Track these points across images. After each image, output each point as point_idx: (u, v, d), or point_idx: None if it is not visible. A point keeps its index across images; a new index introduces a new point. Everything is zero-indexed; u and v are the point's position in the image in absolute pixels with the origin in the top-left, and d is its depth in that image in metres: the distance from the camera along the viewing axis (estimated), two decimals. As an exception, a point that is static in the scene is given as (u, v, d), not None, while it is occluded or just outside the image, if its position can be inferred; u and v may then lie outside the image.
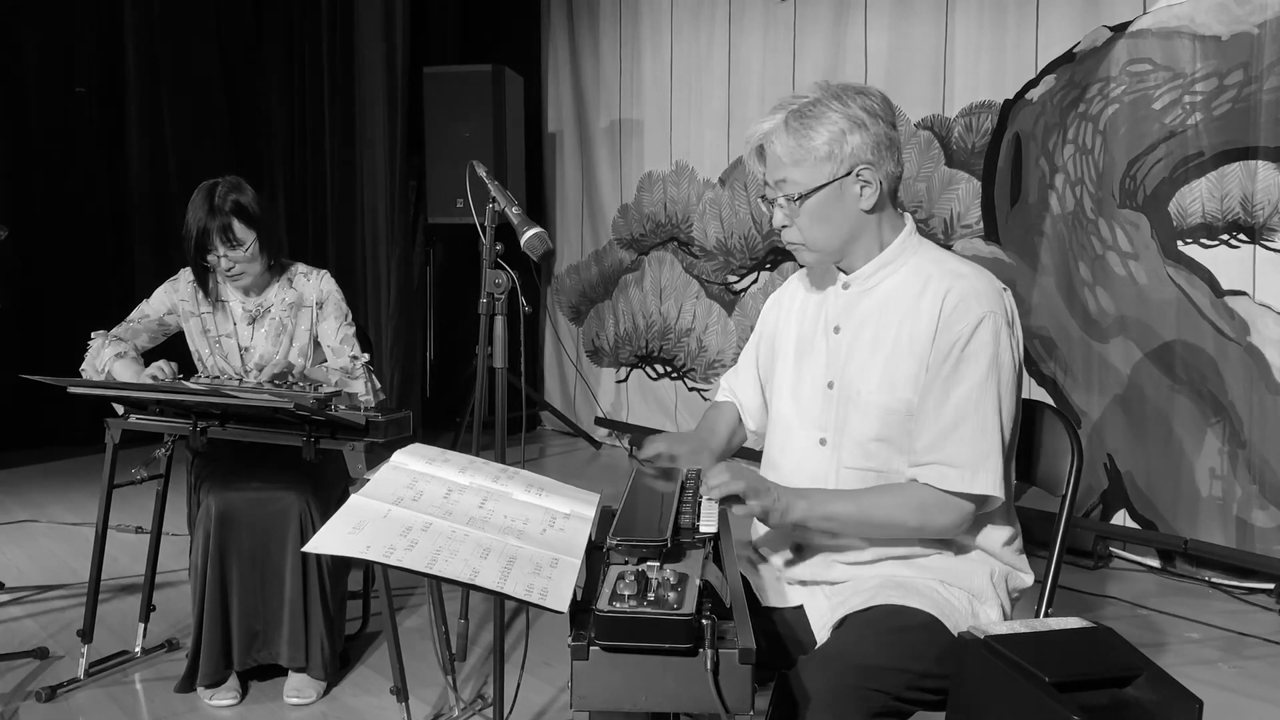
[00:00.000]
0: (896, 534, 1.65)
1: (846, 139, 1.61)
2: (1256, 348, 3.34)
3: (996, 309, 1.61)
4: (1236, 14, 3.34)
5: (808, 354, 1.77)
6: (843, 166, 1.62)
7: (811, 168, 1.62)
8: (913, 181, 4.28)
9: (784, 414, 1.79)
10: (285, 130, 5.87)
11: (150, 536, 2.86)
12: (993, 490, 1.59)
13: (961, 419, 1.58)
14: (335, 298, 2.80)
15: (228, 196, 2.60)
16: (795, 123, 1.62)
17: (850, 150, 1.61)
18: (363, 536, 1.32)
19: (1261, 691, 2.74)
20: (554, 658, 2.77)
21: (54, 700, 2.59)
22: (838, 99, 1.62)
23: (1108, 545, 3.73)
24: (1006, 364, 1.61)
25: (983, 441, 1.58)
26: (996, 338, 1.60)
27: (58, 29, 5.33)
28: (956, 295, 1.61)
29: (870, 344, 1.68)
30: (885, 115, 1.64)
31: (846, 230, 1.67)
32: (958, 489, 1.58)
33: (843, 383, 1.70)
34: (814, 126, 1.61)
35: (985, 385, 1.59)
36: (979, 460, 1.58)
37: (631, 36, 5.54)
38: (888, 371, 1.65)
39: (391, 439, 2.39)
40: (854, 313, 1.71)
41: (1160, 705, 1.28)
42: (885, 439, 1.65)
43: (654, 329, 5.57)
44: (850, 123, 1.60)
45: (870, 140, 1.61)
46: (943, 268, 1.67)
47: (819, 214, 1.65)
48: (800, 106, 1.63)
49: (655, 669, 1.16)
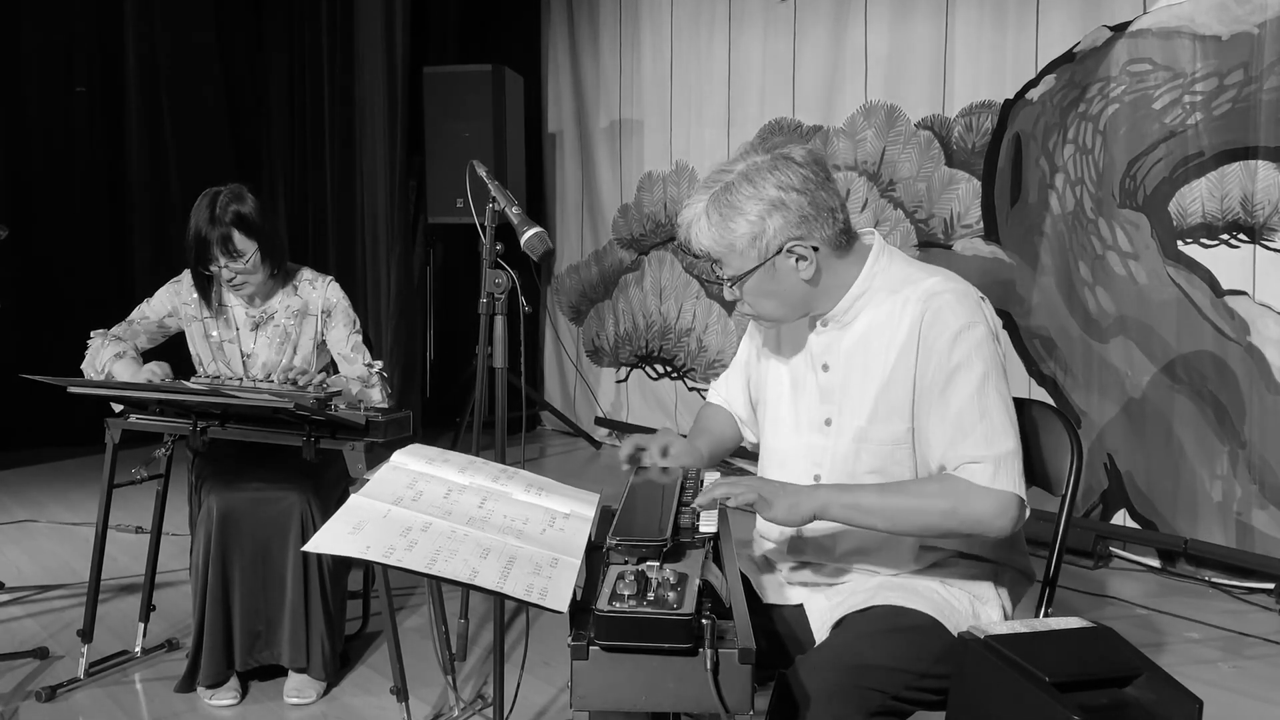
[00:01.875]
0: (925, 520, 1.55)
1: (766, 223, 1.56)
2: (1256, 348, 3.34)
3: (976, 319, 1.58)
4: (1236, 14, 3.34)
5: (801, 391, 1.73)
6: (770, 248, 1.58)
7: (740, 255, 1.59)
8: (913, 181, 4.28)
9: (779, 449, 1.76)
10: (285, 130, 5.87)
11: (150, 536, 2.86)
12: (1016, 488, 1.53)
13: (970, 425, 1.55)
14: (343, 305, 2.78)
15: (228, 207, 2.57)
16: (714, 213, 1.59)
17: (773, 232, 1.57)
18: (363, 536, 1.32)
19: (1261, 691, 2.74)
20: (554, 658, 2.77)
21: (54, 700, 2.59)
22: (750, 181, 1.57)
23: (1108, 545, 3.73)
24: (1000, 372, 1.59)
25: (998, 441, 1.54)
26: (980, 347, 1.57)
27: (58, 29, 5.33)
28: (934, 313, 1.58)
29: (860, 380, 1.65)
30: (808, 184, 1.57)
31: (793, 300, 1.64)
32: (984, 483, 1.53)
33: (840, 420, 1.67)
34: (732, 217, 1.57)
35: (983, 390, 1.56)
36: (999, 457, 1.54)
37: (631, 36, 5.54)
38: (880, 404, 1.62)
39: (391, 439, 2.38)
40: (839, 349, 1.68)
41: (1160, 705, 1.28)
42: (878, 471, 1.64)
43: (654, 329, 5.57)
44: (767, 205, 1.56)
45: (793, 217, 1.57)
46: (918, 288, 1.62)
47: (760, 291, 1.63)
48: (719, 190, 1.59)
49: (655, 669, 1.16)
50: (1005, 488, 1.53)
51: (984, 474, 1.53)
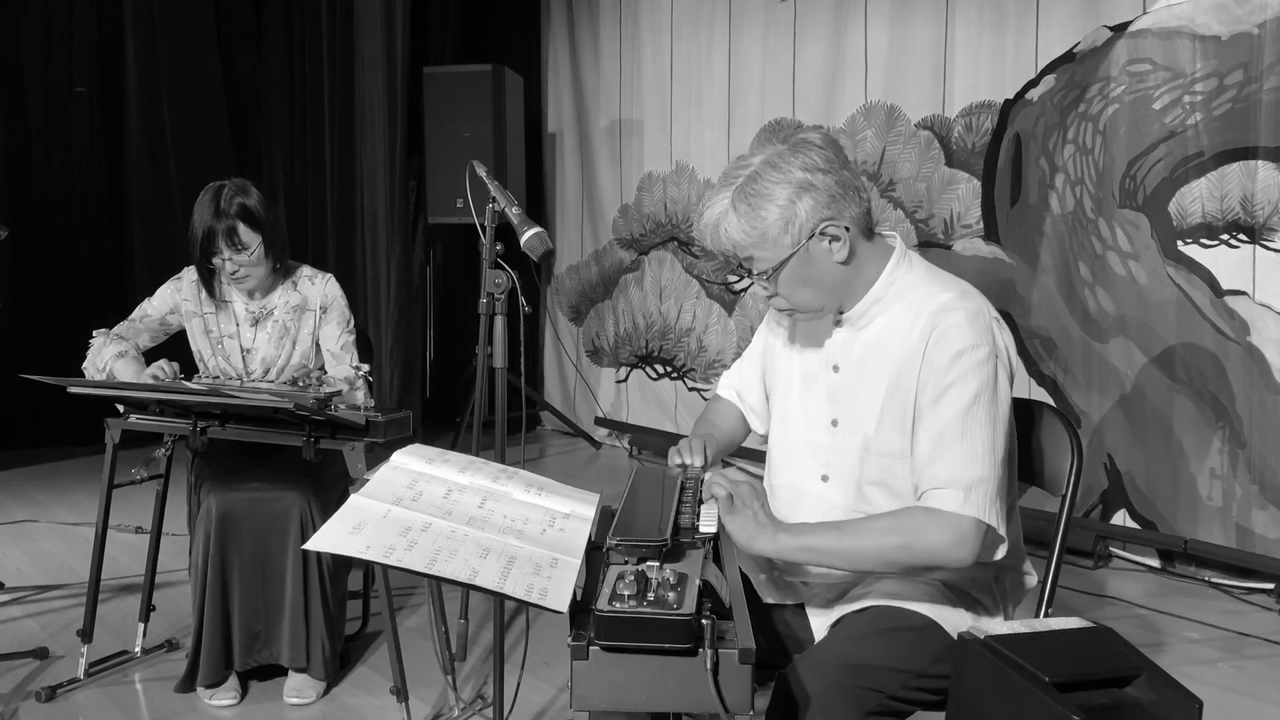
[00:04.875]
0: (882, 556, 1.53)
1: (797, 206, 1.55)
2: (1256, 348, 3.34)
3: (982, 342, 1.55)
4: (1236, 14, 3.34)
5: (811, 388, 1.73)
6: (803, 232, 1.56)
7: (772, 244, 1.57)
8: (913, 181, 4.28)
9: (788, 443, 1.76)
10: (285, 130, 5.86)
11: (150, 536, 2.86)
12: (984, 515, 1.50)
13: (949, 444, 1.53)
14: (340, 303, 2.79)
15: (233, 199, 2.59)
16: (742, 205, 1.56)
17: (804, 215, 1.55)
18: (362, 536, 1.32)
19: (1261, 691, 2.74)
20: (554, 658, 2.77)
21: (54, 700, 2.59)
22: (775, 168, 1.55)
23: (1108, 545, 3.73)
24: (994, 396, 1.55)
25: (972, 466, 1.51)
26: (979, 368, 1.54)
27: (58, 29, 5.33)
28: (940, 332, 1.56)
29: (869, 387, 1.64)
30: (831, 164, 1.56)
31: (830, 285, 1.62)
32: (950, 508, 1.51)
33: (847, 423, 1.67)
34: (761, 205, 1.55)
35: (971, 411, 1.53)
36: (971, 482, 1.51)
37: (631, 37, 5.54)
38: (884, 415, 1.62)
39: (391, 439, 2.39)
40: (851, 351, 1.67)
41: (1160, 705, 1.27)
42: (879, 483, 1.63)
43: (654, 329, 5.57)
44: (795, 189, 1.54)
45: (822, 197, 1.55)
46: (932, 304, 1.59)
47: (796, 280, 1.60)
48: (743, 182, 1.56)
49: (655, 669, 1.16)
50: (972, 514, 1.50)
51: (953, 500, 1.51)
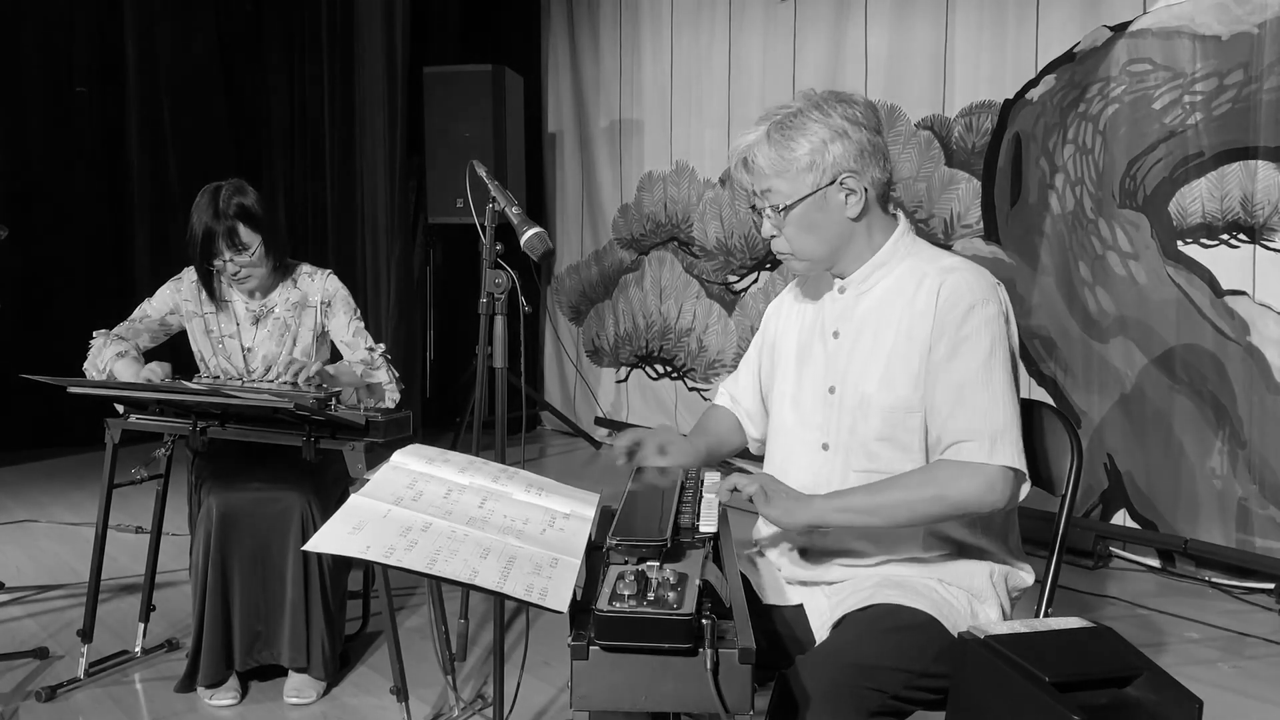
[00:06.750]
0: (915, 509, 1.58)
1: (828, 149, 1.61)
2: (1256, 348, 3.34)
3: (991, 298, 1.62)
4: (1236, 14, 3.34)
5: (807, 360, 1.77)
6: (825, 176, 1.63)
7: (794, 178, 1.63)
8: (913, 181, 4.28)
9: (785, 421, 1.79)
10: (285, 130, 5.87)
11: (150, 536, 2.86)
12: (1014, 461, 1.56)
13: (971, 395, 1.58)
14: (342, 294, 2.80)
15: (232, 200, 2.59)
16: (777, 134, 1.63)
17: (832, 159, 1.62)
18: (362, 536, 1.32)
19: (1261, 691, 2.74)
20: (554, 658, 2.77)
21: (54, 700, 2.59)
22: (819, 109, 1.63)
23: (1108, 545, 3.73)
24: (1007, 349, 1.62)
25: (996, 414, 1.57)
26: (991, 323, 1.60)
27: (58, 29, 5.33)
28: (950, 287, 1.62)
29: (870, 346, 1.68)
30: (869, 123, 1.64)
31: (833, 238, 1.68)
32: (978, 459, 1.56)
33: (844, 386, 1.69)
34: (795, 138, 1.62)
35: (989, 363, 1.59)
36: (997, 431, 1.57)
37: (631, 37, 5.54)
38: (889, 370, 1.65)
39: (391, 439, 2.38)
40: (851, 316, 1.72)
41: (1160, 705, 1.28)
42: (888, 438, 1.65)
43: (654, 329, 5.57)
44: (831, 132, 1.61)
45: (853, 149, 1.62)
46: (937, 265, 1.67)
47: (805, 223, 1.66)
48: (783, 117, 1.64)
49: (655, 669, 1.16)
50: (1001, 462, 1.55)
51: (979, 451, 1.57)
